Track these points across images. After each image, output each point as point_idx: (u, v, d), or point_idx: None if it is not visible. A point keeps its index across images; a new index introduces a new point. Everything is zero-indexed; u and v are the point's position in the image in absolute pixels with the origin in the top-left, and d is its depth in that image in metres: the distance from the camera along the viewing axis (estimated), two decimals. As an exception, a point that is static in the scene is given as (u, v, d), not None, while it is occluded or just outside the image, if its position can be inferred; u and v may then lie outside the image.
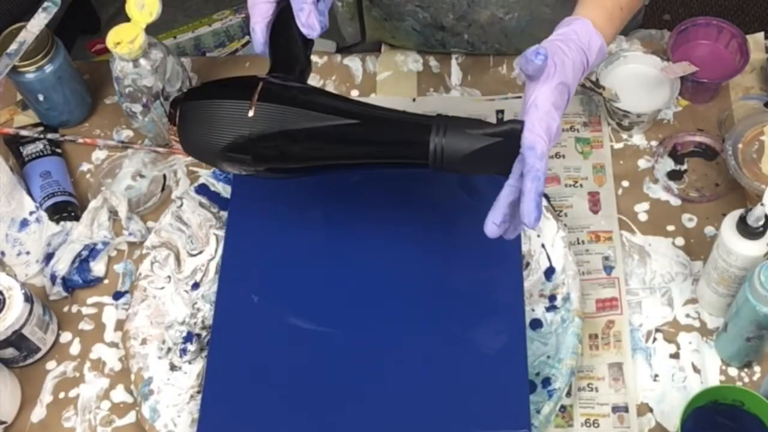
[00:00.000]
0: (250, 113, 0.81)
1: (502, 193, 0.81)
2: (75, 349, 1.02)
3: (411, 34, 1.18)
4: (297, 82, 0.86)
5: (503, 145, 0.78)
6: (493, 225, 0.81)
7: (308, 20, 0.84)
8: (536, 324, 0.96)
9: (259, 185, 1.04)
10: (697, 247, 1.02)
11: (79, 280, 1.04)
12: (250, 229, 1.02)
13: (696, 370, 0.95)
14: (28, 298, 0.97)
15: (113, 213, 1.08)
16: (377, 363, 0.92)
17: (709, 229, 1.03)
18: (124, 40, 1.02)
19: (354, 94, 1.17)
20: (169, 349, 0.98)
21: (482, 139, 0.79)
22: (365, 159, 0.83)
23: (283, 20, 0.87)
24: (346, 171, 0.87)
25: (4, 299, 0.96)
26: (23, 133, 1.15)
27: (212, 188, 1.07)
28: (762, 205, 0.87)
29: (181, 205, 1.05)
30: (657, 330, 0.98)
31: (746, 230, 0.87)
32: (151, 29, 1.04)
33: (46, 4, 1.08)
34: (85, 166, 1.15)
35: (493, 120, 1.12)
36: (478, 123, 0.79)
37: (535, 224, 0.79)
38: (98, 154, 1.16)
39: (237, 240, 1.01)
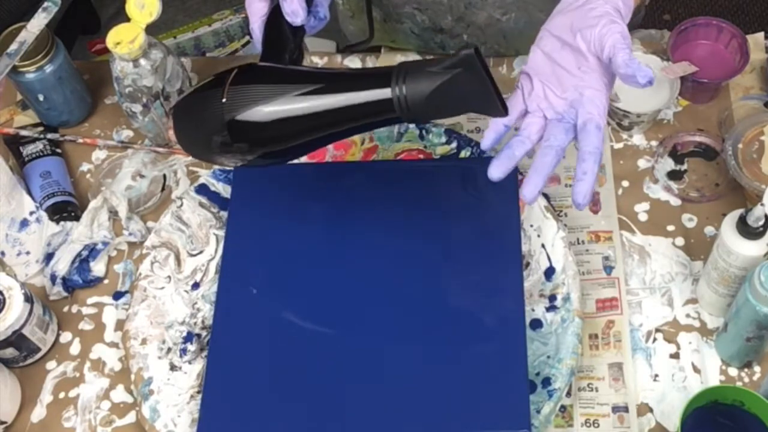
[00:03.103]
0: (223, 99, 0.81)
1: (539, 155, 0.83)
2: (75, 349, 1.02)
3: (410, 37, 1.18)
4: (276, 65, 0.86)
5: (463, 76, 0.77)
6: (502, 173, 0.84)
7: (291, 7, 0.85)
8: (536, 324, 0.96)
9: (259, 185, 1.05)
10: (697, 247, 1.02)
11: (79, 280, 1.04)
12: (250, 229, 1.02)
13: (696, 370, 0.95)
14: (28, 298, 0.97)
15: (113, 213, 1.08)
16: (377, 363, 0.92)
17: (709, 229, 1.03)
18: (124, 40, 1.02)
19: (354, 94, 1.17)
20: (169, 349, 0.98)
21: (440, 75, 0.77)
22: (338, 123, 0.82)
23: (275, 14, 0.88)
24: (329, 140, 0.86)
25: (4, 299, 0.96)
26: (23, 133, 1.15)
27: (212, 188, 1.07)
28: (762, 205, 0.87)
29: (181, 205, 1.05)
30: (657, 330, 0.98)
31: (746, 230, 0.87)
32: (151, 29, 1.04)
33: (46, 4, 1.08)
34: (85, 166, 1.15)
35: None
36: (436, 60, 0.78)
37: (584, 207, 0.81)
38: (98, 154, 1.16)
39: (237, 240, 1.01)
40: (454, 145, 1.07)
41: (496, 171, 0.84)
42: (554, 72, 0.83)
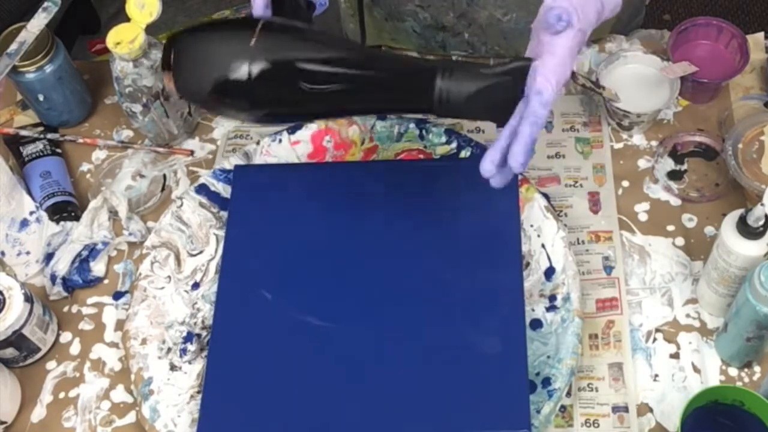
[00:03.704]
0: (252, 41, 0.78)
1: (502, 132, 0.79)
2: (75, 349, 1.02)
3: (411, 36, 1.18)
4: (298, 22, 0.84)
5: (508, 84, 0.77)
6: (490, 164, 0.80)
7: None
8: (536, 324, 0.96)
9: (259, 185, 1.05)
10: (697, 247, 1.02)
11: (79, 280, 1.04)
12: (250, 229, 1.02)
13: (696, 370, 0.95)
14: (28, 298, 0.97)
15: (113, 213, 1.08)
16: (377, 363, 0.92)
17: (709, 229, 1.03)
18: (124, 40, 1.02)
19: (354, 94, 1.17)
20: (169, 349, 0.98)
21: (489, 78, 0.77)
22: (367, 100, 0.81)
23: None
24: (346, 113, 0.85)
25: (4, 299, 0.96)
26: (23, 133, 1.15)
27: (212, 188, 1.07)
28: (762, 205, 0.87)
29: (181, 205, 1.05)
30: (657, 330, 0.98)
31: (746, 230, 0.87)
32: (151, 29, 1.04)
33: (46, 4, 1.08)
34: (85, 166, 1.15)
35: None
36: (484, 65, 0.79)
37: (520, 169, 0.78)
38: (98, 154, 1.16)
39: (237, 240, 1.01)
40: (454, 145, 1.07)
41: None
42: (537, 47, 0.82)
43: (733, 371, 0.95)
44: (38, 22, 1.08)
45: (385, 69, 0.80)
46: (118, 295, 1.05)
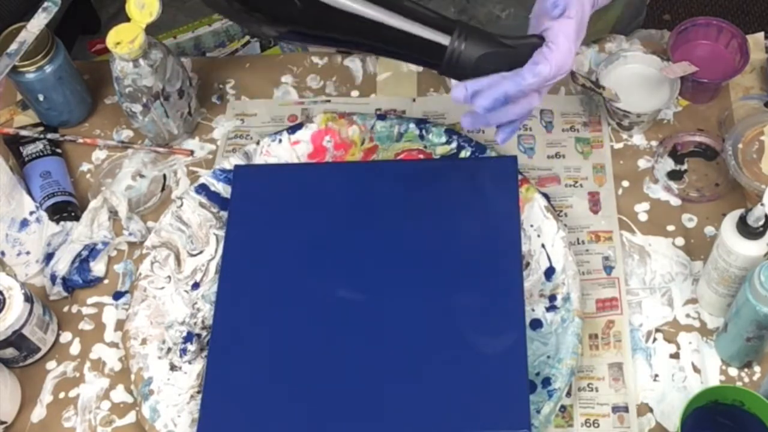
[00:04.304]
0: None
1: (489, 77, 0.82)
2: (75, 349, 1.02)
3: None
4: None
5: (514, 54, 0.81)
6: (463, 89, 0.82)
7: None
8: (536, 324, 0.96)
9: (259, 185, 1.05)
10: (697, 247, 1.02)
11: (79, 280, 1.04)
12: (250, 229, 1.02)
13: (696, 370, 0.95)
14: (28, 298, 0.97)
15: (113, 213, 1.08)
16: (378, 364, 0.92)
17: (709, 229, 1.03)
18: (124, 40, 1.02)
19: (354, 94, 1.17)
20: (169, 349, 0.98)
21: (499, 44, 0.81)
22: (382, 39, 0.83)
23: None
24: (359, 47, 0.86)
25: (4, 299, 0.96)
26: (23, 133, 1.15)
27: (212, 188, 1.07)
28: (762, 205, 0.86)
29: (181, 205, 1.05)
30: (657, 330, 0.98)
31: (746, 230, 0.87)
32: (151, 29, 1.04)
33: (46, 4, 1.08)
34: (85, 166, 1.15)
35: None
36: (498, 35, 0.82)
37: (481, 112, 0.82)
38: (98, 154, 1.16)
39: (237, 240, 1.01)
40: (454, 145, 1.07)
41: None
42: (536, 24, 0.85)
43: (733, 371, 0.95)
44: (38, 22, 1.08)
45: (406, 14, 0.82)
46: (118, 295, 1.05)
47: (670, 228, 1.04)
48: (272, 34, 0.84)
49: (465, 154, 1.06)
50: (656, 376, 0.95)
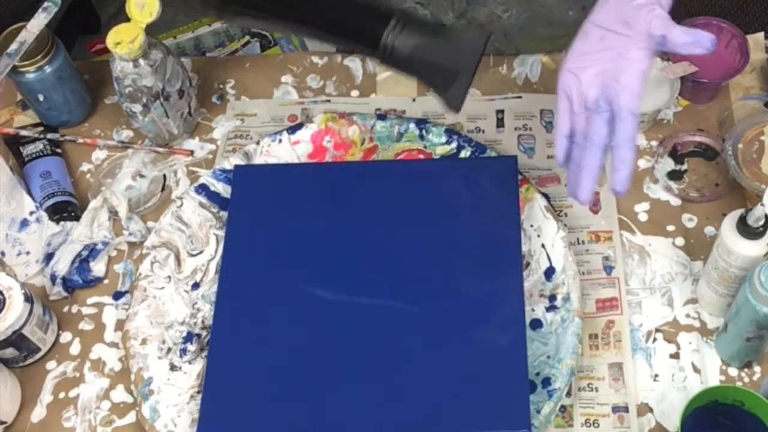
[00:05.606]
0: None
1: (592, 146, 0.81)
2: (75, 349, 1.02)
3: (411, 34, 1.18)
4: None
5: (457, 47, 0.77)
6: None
7: None
8: (536, 324, 0.96)
9: (259, 185, 1.05)
10: (697, 247, 1.02)
11: (79, 280, 1.04)
12: (251, 229, 1.02)
13: (696, 370, 0.95)
14: (28, 298, 0.97)
15: (113, 213, 1.08)
16: (377, 364, 0.92)
17: (709, 229, 1.03)
18: (124, 40, 1.02)
19: (354, 94, 1.17)
20: (169, 349, 0.98)
21: (436, 36, 0.77)
22: (320, 27, 0.83)
23: None
24: (298, 29, 0.86)
25: (4, 299, 0.96)
26: (23, 133, 1.15)
27: (212, 188, 1.07)
28: (762, 205, 0.86)
29: (181, 205, 1.05)
30: (657, 330, 0.98)
31: (746, 230, 0.87)
32: (151, 29, 1.04)
33: (46, 4, 1.08)
34: (85, 166, 1.15)
35: (494, 120, 1.12)
36: (439, 25, 0.79)
37: (623, 194, 0.81)
38: (98, 154, 1.16)
39: (237, 240, 1.01)
40: (454, 145, 1.07)
41: (586, 193, 0.84)
42: (598, 57, 0.83)
43: (733, 371, 0.95)
44: (38, 22, 1.08)
45: (341, 6, 0.81)
46: (118, 295, 1.05)
47: (670, 228, 1.04)
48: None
49: (465, 154, 1.06)
50: (656, 376, 0.95)
